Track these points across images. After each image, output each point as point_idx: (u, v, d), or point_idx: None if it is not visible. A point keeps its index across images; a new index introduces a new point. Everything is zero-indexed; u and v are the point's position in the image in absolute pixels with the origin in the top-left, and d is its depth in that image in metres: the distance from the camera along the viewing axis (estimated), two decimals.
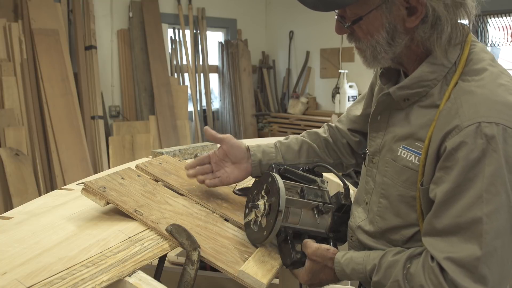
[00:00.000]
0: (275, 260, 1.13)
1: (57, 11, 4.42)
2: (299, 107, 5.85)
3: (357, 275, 1.05)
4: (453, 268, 0.89)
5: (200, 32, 5.70)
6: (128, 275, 0.92)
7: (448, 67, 0.98)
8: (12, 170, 3.92)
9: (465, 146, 0.87)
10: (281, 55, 6.39)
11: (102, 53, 4.90)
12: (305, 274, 1.13)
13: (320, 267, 1.11)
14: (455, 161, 0.89)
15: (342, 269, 1.07)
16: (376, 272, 1.01)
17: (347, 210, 1.19)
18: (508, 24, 4.36)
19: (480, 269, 0.87)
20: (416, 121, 1.00)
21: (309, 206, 1.15)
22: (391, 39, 0.97)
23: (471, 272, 0.87)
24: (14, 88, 4.14)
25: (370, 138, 1.15)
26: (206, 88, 5.78)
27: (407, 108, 1.03)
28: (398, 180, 1.03)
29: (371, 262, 1.03)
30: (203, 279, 1.76)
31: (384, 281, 0.99)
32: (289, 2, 6.17)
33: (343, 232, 1.19)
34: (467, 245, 0.88)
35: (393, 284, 0.97)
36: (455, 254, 0.89)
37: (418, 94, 1.00)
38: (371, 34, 0.98)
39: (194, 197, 1.32)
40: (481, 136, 0.87)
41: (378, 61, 1.01)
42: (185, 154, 1.90)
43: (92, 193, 1.15)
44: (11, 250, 0.97)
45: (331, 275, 1.10)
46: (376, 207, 1.10)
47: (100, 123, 4.69)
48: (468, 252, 0.88)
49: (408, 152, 1.01)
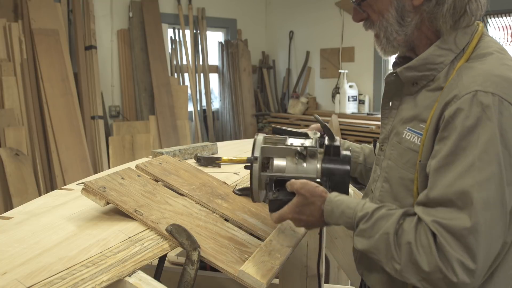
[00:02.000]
0: (275, 260, 1.13)
1: (57, 11, 4.41)
2: (299, 107, 5.85)
3: (345, 220, 1.02)
4: (442, 231, 0.88)
5: (200, 32, 5.70)
6: (128, 275, 0.92)
7: (456, 52, 1.01)
8: (12, 170, 3.92)
9: (461, 112, 0.90)
10: (281, 55, 6.39)
11: (102, 53, 4.90)
12: (289, 208, 1.08)
13: (307, 202, 1.06)
14: (452, 129, 0.90)
15: (331, 210, 1.03)
16: (366, 220, 0.99)
17: (336, 151, 1.12)
18: (508, 24, 4.36)
19: (468, 240, 0.86)
20: (422, 104, 1.03)
21: (291, 152, 1.12)
22: (401, 18, 1.03)
23: (459, 240, 0.87)
24: (14, 88, 4.14)
25: (381, 125, 1.17)
26: (206, 88, 5.78)
27: (416, 94, 1.05)
28: (400, 162, 1.05)
29: (364, 209, 1.00)
30: (203, 279, 1.76)
31: (371, 231, 0.97)
32: (289, 2, 6.17)
33: (339, 176, 1.11)
34: (458, 214, 0.88)
35: (382, 236, 0.95)
36: (444, 220, 0.89)
37: (426, 77, 1.03)
38: (381, 14, 1.05)
39: (194, 197, 1.32)
40: (476, 104, 0.89)
41: (391, 44, 1.06)
42: (185, 154, 1.90)
43: (92, 193, 1.15)
44: (11, 250, 0.97)
45: (317, 215, 1.06)
46: (378, 192, 1.11)
47: (100, 123, 4.69)
48: (458, 222, 0.87)
49: (412, 134, 1.03)
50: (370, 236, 0.97)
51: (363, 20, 1.11)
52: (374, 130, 4.84)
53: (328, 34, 5.80)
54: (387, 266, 0.96)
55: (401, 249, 0.93)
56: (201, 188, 1.39)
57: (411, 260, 0.91)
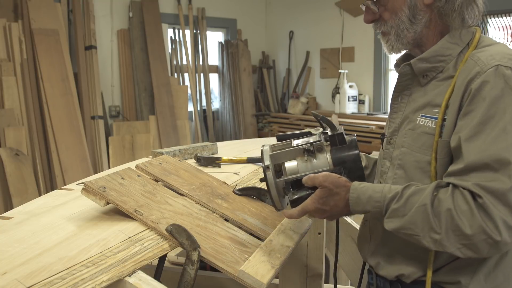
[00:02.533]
0: (275, 260, 1.13)
1: (57, 11, 4.41)
2: (299, 107, 5.85)
3: (373, 204, 1.03)
4: (484, 193, 0.92)
5: (200, 32, 5.70)
6: (128, 275, 0.92)
7: (462, 46, 1.09)
8: (12, 170, 3.92)
9: (487, 84, 0.97)
10: (281, 55, 6.39)
11: (102, 53, 4.90)
12: (312, 200, 1.08)
13: (332, 193, 1.07)
14: (479, 101, 0.97)
15: (358, 196, 1.05)
16: (397, 199, 1.01)
17: (340, 139, 1.13)
18: (508, 24, 4.36)
19: (508, 198, 0.91)
20: (433, 92, 1.09)
21: (299, 152, 1.13)
22: (413, 16, 1.09)
23: (501, 200, 0.91)
24: (14, 88, 4.14)
25: (389, 120, 1.21)
26: (206, 88, 5.78)
27: (425, 85, 1.11)
28: (415, 146, 1.09)
29: (392, 190, 1.03)
30: (203, 279, 1.76)
31: (405, 208, 0.99)
32: (289, 2, 6.16)
33: (350, 162, 1.12)
34: (496, 176, 0.92)
35: (418, 209, 0.97)
36: (485, 183, 0.92)
37: (435, 69, 1.10)
38: (395, 13, 1.11)
39: (194, 197, 1.32)
40: (499, 76, 0.97)
41: (401, 41, 1.12)
42: (185, 154, 1.90)
43: (92, 193, 1.15)
44: (11, 250, 0.97)
45: (342, 204, 1.07)
46: (391, 180, 1.14)
47: (100, 123, 4.69)
48: (498, 183, 0.92)
49: (425, 119, 1.08)
50: (404, 213, 0.99)
51: (375, 20, 1.16)
52: (374, 130, 4.84)
53: (328, 34, 5.80)
54: (424, 239, 0.97)
55: (440, 218, 0.95)
56: (201, 188, 1.39)
57: (452, 226, 0.94)
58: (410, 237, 1.00)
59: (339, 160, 1.12)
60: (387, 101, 5.51)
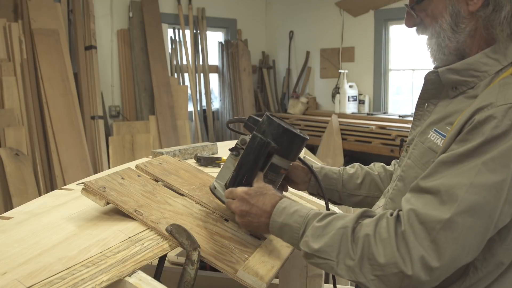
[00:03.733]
0: (275, 260, 1.13)
1: (57, 11, 4.42)
2: (299, 107, 5.85)
3: (296, 218, 0.98)
4: (413, 220, 0.84)
5: (200, 32, 5.70)
6: (128, 275, 0.92)
7: (503, 64, 0.95)
8: (12, 170, 3.92)
9: (492, 120, 0.85)
10: (281, 55, 6.39)
11: (102, 53, 4.90)
12: (243, 190, 1.08)
13: (261, 192, 1.06)
14: (477, 134, 0.86)
15: (285, 207, 1.01)
16: (321, 218, 0.95)
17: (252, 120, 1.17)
18: None
19: (439, 236, 0.81)
20: (454, 108, 0.98)
21: (229, 159, 1.19)
22: (455, 24, 0.98)
23: (427, 232, 0.82)
24: (14, 88, 4.14)
25: (412, 127, 1.12)
26: (206, 88, 5.78)
27: (453, 98, 1.01)
28: (419, 162, 1.01)
29: (318, 211, 0.98)
30: (203, 279, 1.76)
31: (325, 229, 0.92)
32: (289, 2, 6.17)
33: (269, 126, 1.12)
34: (439, 206, 0.83)
35: (338, 231, 0.90)
36: (422, 210, 0.84)
37: (466, 83, 0.98)
38: (435, 19, 1.00)
39: (194, 197, 1.32)
40: (509, 118, 0.84)
41: (442, 51, 1.01)
42: (185, 154, 1.90)
43: (92, 193, 1.15)
44: (11, 250, 0.97)
45: (266, 208, 1.04)
46: (391, 190, 1.08)
47: (100, 123, 4.69)
48: (436, 213, 0.83)
49: (437, 135, 0.99)
50: (324, 234, 0.92)
51: (416, 25, 1.06)
52: (374, 130, 4.84)
53: (328, 34, 5.80)
54: (338, 265, 0.89)
55: (357, 243, 0.87)
56: (201, 188, 1.39)
57: (368, 254, 0.86)
58: (324, 263, 0.91)
59: (259, 133, 1.12)
60: (387, 101, 5.52)
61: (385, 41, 5.40)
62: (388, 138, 4.70)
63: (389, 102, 5.51)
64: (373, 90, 5.47)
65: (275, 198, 1.05)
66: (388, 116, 5.17)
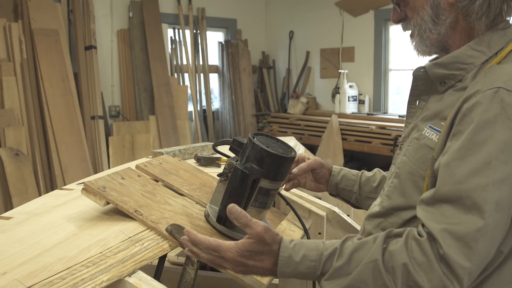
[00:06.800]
0: None
1: (57, 11, 4.42)
2: (299, 107, 5.85)
3: (308, 264, 0.89)
4: (450, 241, 0.82)
5: (200, 32, 5.70)
6: (128, 275, 0.92)
7: (488, 55, 0.96)
8: (12, 170, 3.92)
9: (479, 106, 0.85)
10: (281, 55, 6.39)
11: (102, 53, 4.90)
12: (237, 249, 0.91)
13: (263, 250, 0.91)
14: (467, 123, 0.86)
15: (289, 256, 0.90)
16: (338, 256, 0.88)
17: (236, 143, 1.15)
18: None
19: (477, 243, 0.81)
20: (446, 102, 0.99)
21: (219, 185, 1.17)
22: (435, 16, 1.01)
23: (469, 247, 0.81)
24: (14, 88, 4.14)
25: (405, 124, 1.13)
26: (206, 88, 5.78)
27: (443, 93, 1.02)
28: (414, 157, 1.01)
29: (329, 247, 0.90)
30: (203, 279, 1.76)
31: (349, 266, 0.87)
32: (289, 2, 6.17)
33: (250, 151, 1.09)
34: (467, 216, 0.82)
35: (367, 266, 0.86)
36: (453, 226, 0.82)
37: (454, 77, 0.99)
38: (417, 11, 1.03)
39: (194, 197, 1.32)
40: (497, 101, 0.84)
41: (424, 43, 1.04)
42: (185, 154, 1.90)
43: (92, 193, 1.15)
44: (11, 250, 0.97)
45: (270, 262, 0.91)
46: (387, 188, 1.09)
47: (100, 123, 4.69)
48: (469, 224, 0.81)
49: (431, 131, 1.00)
50: (349, 272, 0.87)
51: (402, 20, 1.08)
52: (374, 130, 4.84)
53: (328, 34, 5.80)
54: None
55: (395, 273, 0.84)
56: (201, 188, 1.39)
57: (409, 282, 0.84)
58: None
59: (243, 157, 1.10)
60: (387, 101, 5.52)
61: (385, 41, 5.40)
62: (388, 138, 4.70)
63: (389, 102, 5.52)
64: (373, 90, 5.47)
65: (275, 252, 0.91)
66: (388, 116, 5.17)
